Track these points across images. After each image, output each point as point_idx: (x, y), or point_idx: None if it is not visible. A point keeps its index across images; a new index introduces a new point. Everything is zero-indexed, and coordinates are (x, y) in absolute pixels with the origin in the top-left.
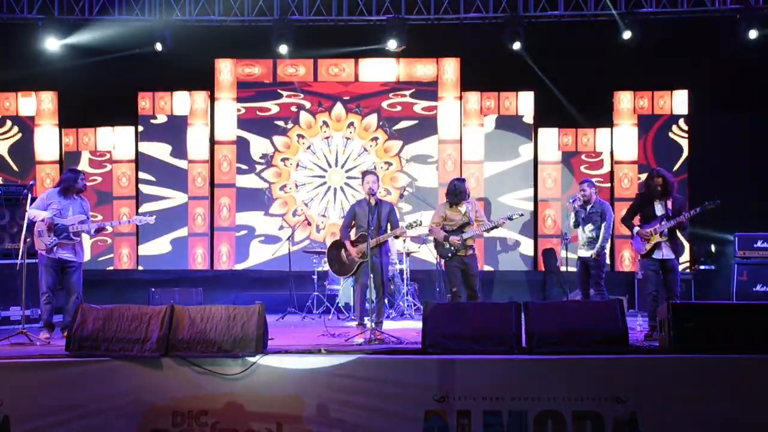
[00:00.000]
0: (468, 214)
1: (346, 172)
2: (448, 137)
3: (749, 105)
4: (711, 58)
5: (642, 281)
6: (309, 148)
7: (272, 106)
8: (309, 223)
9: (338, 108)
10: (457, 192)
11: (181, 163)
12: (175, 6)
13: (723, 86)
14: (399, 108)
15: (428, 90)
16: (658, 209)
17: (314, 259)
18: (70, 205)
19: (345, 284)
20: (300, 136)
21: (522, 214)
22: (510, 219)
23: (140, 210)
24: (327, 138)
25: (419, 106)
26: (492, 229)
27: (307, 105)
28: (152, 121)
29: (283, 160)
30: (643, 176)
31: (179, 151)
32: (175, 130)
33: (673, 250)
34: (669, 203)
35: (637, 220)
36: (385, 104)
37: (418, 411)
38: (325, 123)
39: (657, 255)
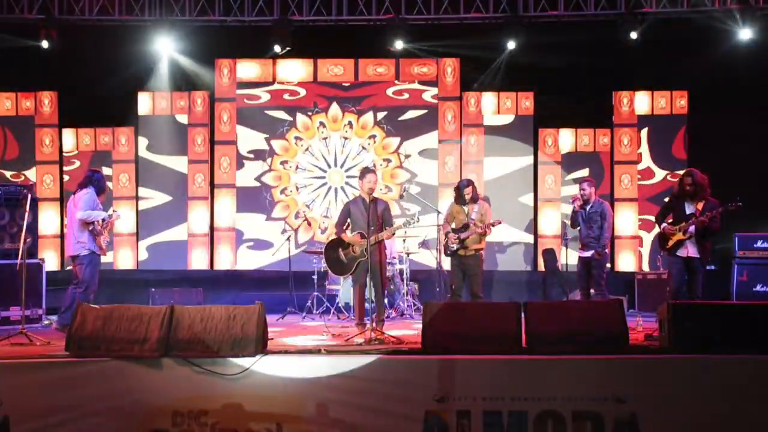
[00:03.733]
0: (470, 215)
1: (346, 171)
2: (448, 137)
3: (749, 105)
4: (711, 57)
5: (642, 281)
6: (307, 149)
7: (263, 94)
8: (310, 224)
9: (334, 108)
10: (457, 191)
11: (181, 163)
12: (175, 6)
13: (723, 86)
14: (406, 95)
15: (428, 90)
16: (689, 209)
17: (314, 260)
18: None
19: (345, 284)
20: (297, 138)
21: (500, 222)
22: (492, 225)
23: (140, 209)
24: (325, 139)
25: (429, 93)
26: (481, 234)
27: (303, 107)
28: (152, 121)
29: (282, 163)
30: (643, 176)
31: (179, 151)
32: (174, 131)
33: (700, 251)
34: (700, 204)
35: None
36: (390, 91)
37: (418, 411)
38: (321, 124)
39: (681, 252)
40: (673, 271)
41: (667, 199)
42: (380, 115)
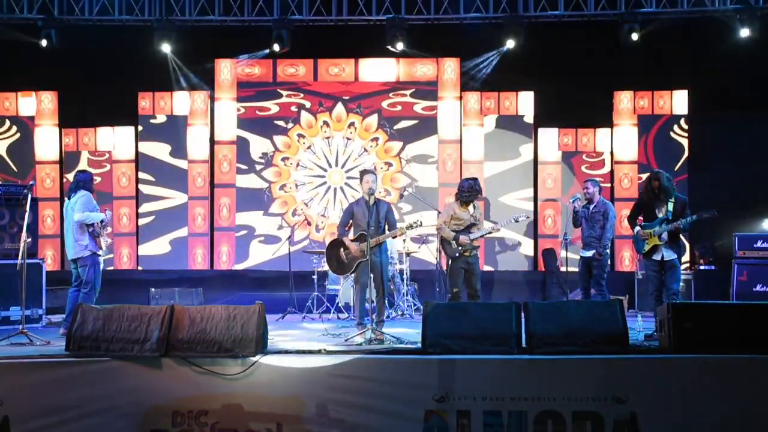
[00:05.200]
0: (474, 214)
1: (346, 172)
2: (448, 137)
3: (749, 104)
4: (711, 57)
5: (642, 281)
6: (309, 147)
7: (272, 106)
8: (309, 223)
9: (339, 108)
10: (472, 190)
11: (181, 163)
12: (175, 6)
13: (723, 86)
14: (399, 108)
15: (428, 90)
16: (659, 211)
17: (314, 259)
18: None
19: (345, 284)
20: (300, 135)
21: (528, 217)
22: (516, 221)
23: (140, 210)
24: (327, 138)
25: (419, 105)
26: (497, 230)
27: (308, 104)
28: (152, 121)
29: (283, 159)
30: (644, 176)
31: (179, 151)
32: (175, 130)
33: (674, 251)
34: (670, 205)
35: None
36: (385, 104)
37: (418, 411)
38: (325, 123)
39: (657, 257)
40: (651, 274)
41: (637, 200)
42: (383, 115)
